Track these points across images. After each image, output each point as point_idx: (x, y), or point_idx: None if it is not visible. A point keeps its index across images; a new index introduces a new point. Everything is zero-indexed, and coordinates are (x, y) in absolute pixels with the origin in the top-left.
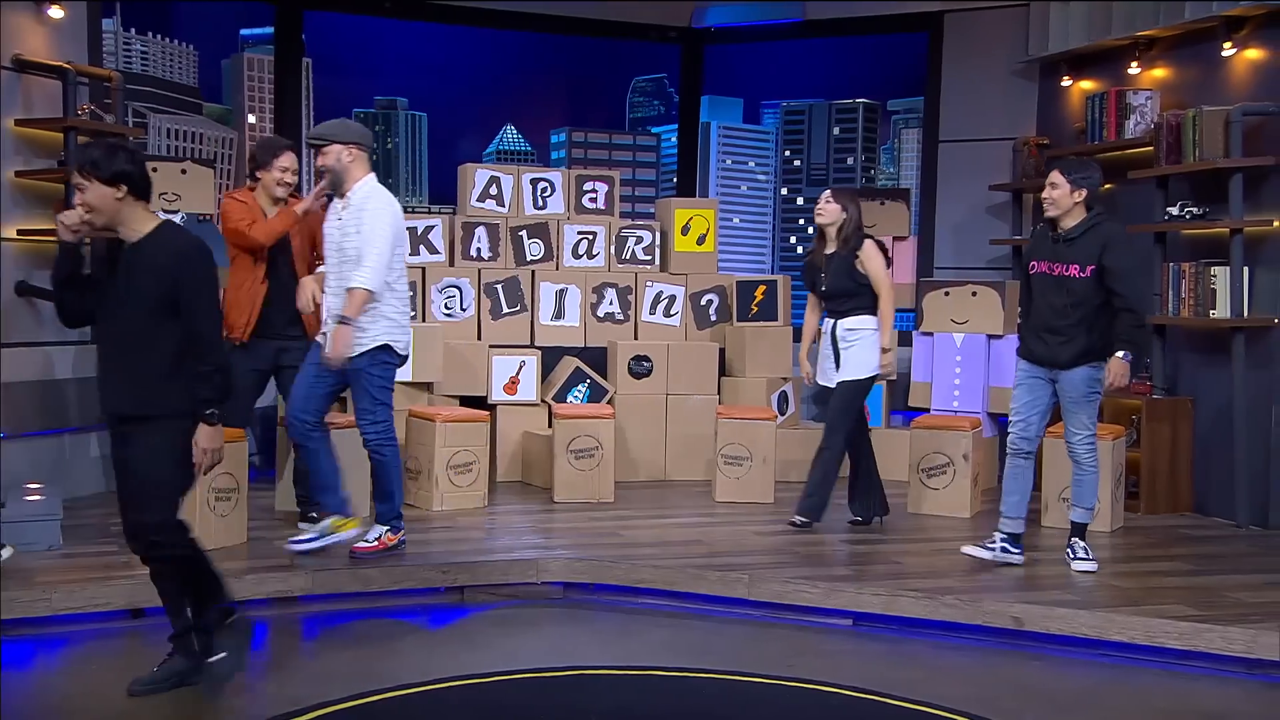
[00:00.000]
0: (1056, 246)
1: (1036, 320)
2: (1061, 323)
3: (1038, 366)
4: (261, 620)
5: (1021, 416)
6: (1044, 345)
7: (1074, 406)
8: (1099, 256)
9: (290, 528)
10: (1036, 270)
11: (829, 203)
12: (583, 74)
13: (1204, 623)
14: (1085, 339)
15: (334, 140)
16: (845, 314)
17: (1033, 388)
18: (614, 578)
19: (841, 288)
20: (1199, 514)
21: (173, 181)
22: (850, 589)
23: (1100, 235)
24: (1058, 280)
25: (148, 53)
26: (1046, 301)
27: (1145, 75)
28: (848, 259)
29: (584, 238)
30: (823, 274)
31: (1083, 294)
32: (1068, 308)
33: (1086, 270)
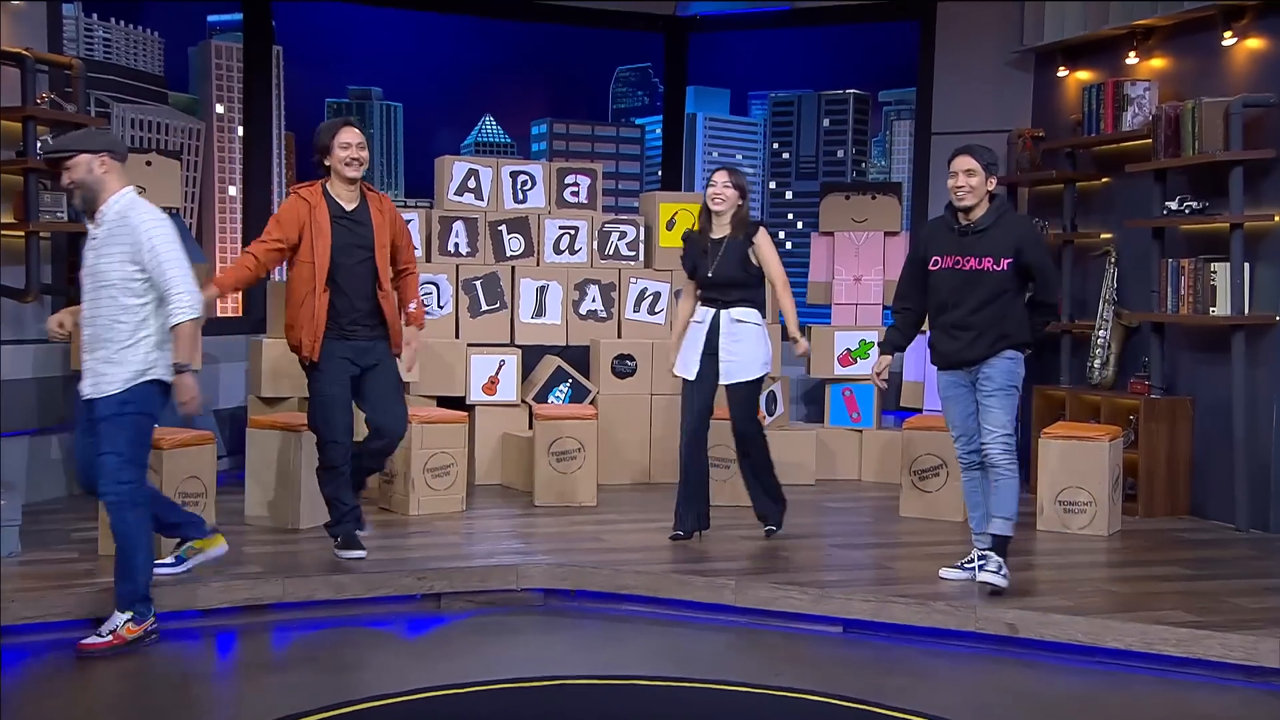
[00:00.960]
0: (964, 239)
1: (944, 318)
2: (975, 319)
3: (954, 372)
4: (230, 629)
5: (960, 430)
6: (955, 343)
7: (990, 401)
8: (1016, 252)
9: (261, 532)
10: (941, 266)
11: (728, 187)
12: (564, 63)
13: (1203, 629)
14: (998, 329)
15: (80, 150)
16: (732, 304)
17: (959, 398)
18: (596, 584)
19: (731, 276)
20: (1198, 517)
21: (137, 174)
22: (840, 595)
23: (1013, 228)
24: (968, 276)
25: (111, 40)
26: (954, 299)
27: (1143, 66)
28: (741, 246)
29: (566, 232)
30: (708, 259)
31: (998, 288)
32: (982, 304)
33: (1001, 264)
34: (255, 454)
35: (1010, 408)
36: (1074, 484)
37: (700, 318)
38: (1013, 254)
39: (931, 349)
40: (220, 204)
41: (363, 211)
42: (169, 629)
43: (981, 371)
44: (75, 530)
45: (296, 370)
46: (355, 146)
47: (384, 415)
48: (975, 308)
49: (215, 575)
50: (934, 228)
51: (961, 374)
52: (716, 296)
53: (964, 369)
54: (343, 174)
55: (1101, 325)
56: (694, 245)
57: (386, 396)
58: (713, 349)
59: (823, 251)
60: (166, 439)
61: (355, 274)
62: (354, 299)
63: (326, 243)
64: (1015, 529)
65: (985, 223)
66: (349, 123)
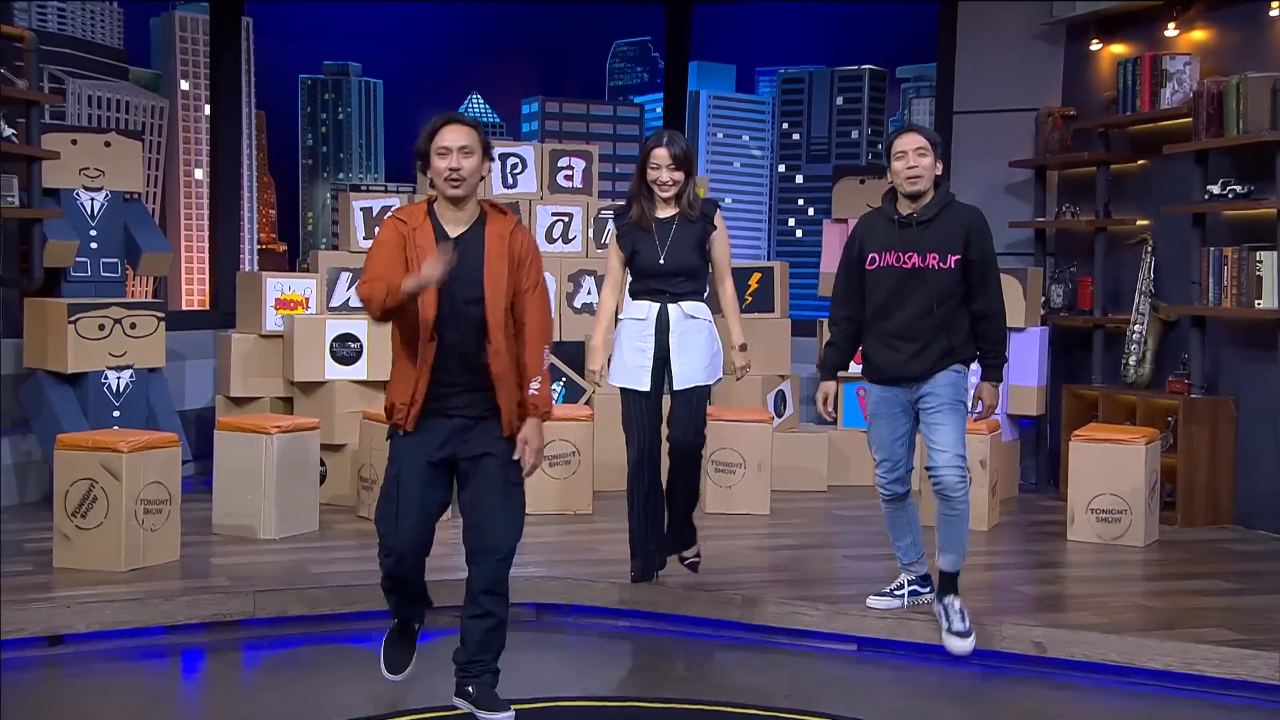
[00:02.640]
0: (905, 232)
1: (882, 325)
2: (920, 326)
3: (890, 388)
4: (197, 647)
5: (885, 454)
6: (894, 355)
7: (939, 418)
8: (964, 245)
9: (229, 542)
10: (879, 264)
11: (674, 169)
12: (557, 37)
13: (1248, 648)
14: (944, 341)
15: None
16: (684, 297)
17: (891, 418)
18: (591, 598)
19: (685, 264)
20: (1242, 526)
21: (95, 155)
22: (854, 611)
23: (961, 219)
24: (911, 274)
25: (65, 10)
26: (895, 301)
27: (1183, 38)
28: (696, 230)
29: (559, 220)
30: (654, 244)
31: (945, 290)
32: (929, 308)
33: (949, 260)
34: (224, 458)
35: (962, 425)
36: (1107, 491)
37: (640, 314)
38: (961, 249)
39: (865, 361)
40: (185, 188)
41: (474, 237)
42: (130, 647)
43: (924, 389)
44: (28, 541)
45: (268, 367)
46: (457, 153)
47: (480, 528)
48: (918, 314)
49: (181, 589)
50: (870, 221)
51: (899, 390)
52: (663, 288)
53: (903, 385)
54: (442, 191)
55: (1137, 319)
56: (631, 226)
57: (487, 502)
58: (663, 351)
59: (836, 240)
60: (127, 441)
61: (457, 324)
62: (453, 358)
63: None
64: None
65: (929, 213)
66: (452, 119)
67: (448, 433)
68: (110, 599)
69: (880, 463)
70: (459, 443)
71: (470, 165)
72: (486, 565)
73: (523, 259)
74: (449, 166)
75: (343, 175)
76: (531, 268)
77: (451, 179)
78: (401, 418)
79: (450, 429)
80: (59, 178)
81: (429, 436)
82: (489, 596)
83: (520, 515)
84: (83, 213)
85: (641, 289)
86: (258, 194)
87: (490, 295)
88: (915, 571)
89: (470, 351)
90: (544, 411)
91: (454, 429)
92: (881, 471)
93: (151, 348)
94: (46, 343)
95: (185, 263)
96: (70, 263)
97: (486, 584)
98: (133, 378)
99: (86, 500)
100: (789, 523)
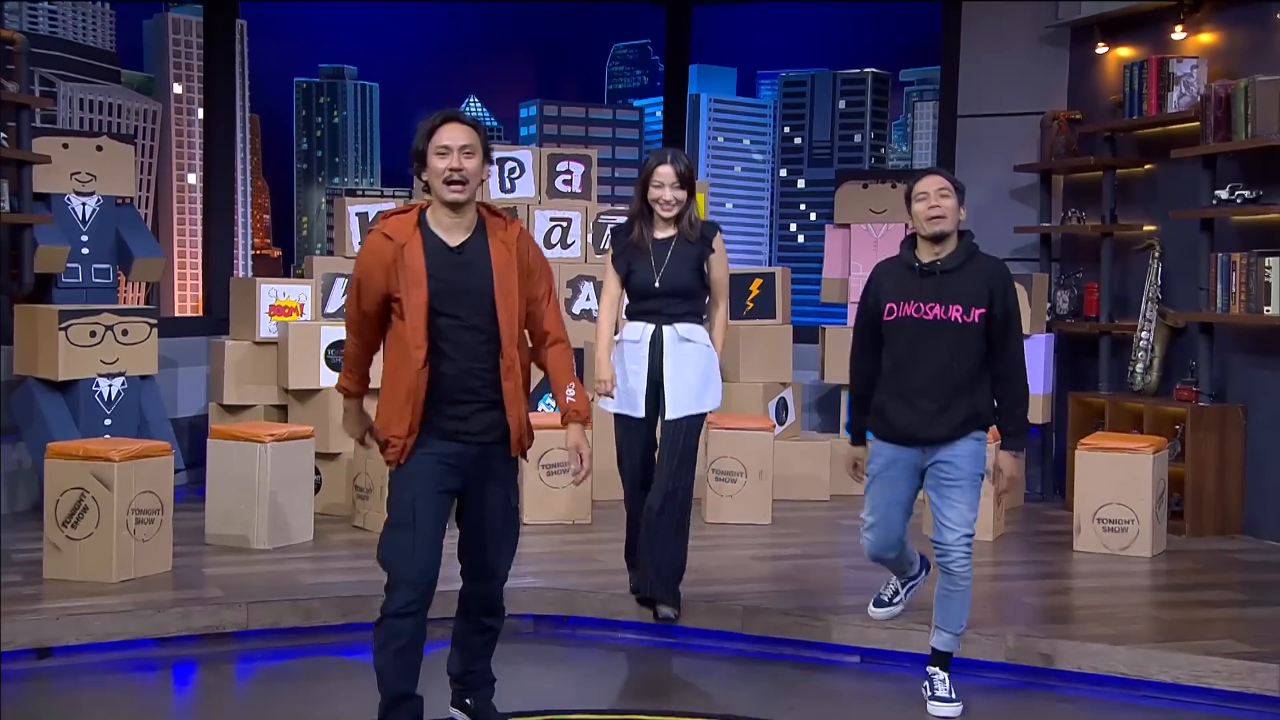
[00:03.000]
0: (927, 281)
1: (899, 381)
2: (941, 383)
3: (903, 448)
4: (189, 659)
5: (879, 518)
6: (913, 414)
7: (955, 493)
8: (989, 299)
9: (222, 553)
10: (898, 314)
11: (678, 189)
12: (556, 40)
13: (1258, 660)
14: (968, 402)
15: None
16: (679, 319)
17: (895, 481)
18: (590, 609)
19: (683, 284)
20: (1252, 536)
21: (87, 160)
22: (857, 622)
23: (987, 270)
24: (933, 327)
25: (57, 12)
26: (914, 354)
27: (1190, 41)
28: (697, 250)
29: (557, 225)
30: (650, 263)
31: (968, 346)
32: (950, 364)
33: (972, 314)
34: (217, 467)
35: (977, 501)
36: (1114, 500)
37: (635, 335)
38: (985, 303)
39: (877, 416)
40: (179, 193)
41: (477, 247)
42: (121, 660)
43: (941, 455)
44: (17, 552)
45: (262, 374)
46: (458, 153)
47: (484, 554)
48: (939, 369)
49: (173, 601)
50: (888, 269)
51: (912, 452)
52: (659, 309)
53: (916, 447)
54: (442, 196)
55: (1144, 326)
56: (629, 245)
57: (492, 529)
58: (656, 375)
59: (838, 245)
60: (118, 450)
61: (462, 341)
62: (460, 377)
63: (423, 293)
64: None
65: (953, 262)
66: (452, 117)
67: (461, 459)
68: (101, 610)
69: (871, 526)
70: (471, 471)
71: (473, 166)
72: (487, 588)
73: (533, 267)
74: (449, 167)
75: (338, 179)
76: (543, 275)
77: (452, 181)
78: (396, 452)
79: (463, 455)
80: (50, 182)
81: (439, 461)
82: (489, 616)
83: (517, 537)
84: (74, 218)
85: (637, 310)
86: (252, 198)
87: (503, 311)
88: (907, 573)
89: (480, 370)
90: (585, 417)
91: (467, 457)
92: (872, 536)
93: (143, 355)
94: (37, 350)
95: (178, 268)
96: (61, 268)
97: (486, 605)
98: (124, 385)
99: (77, 510)
100: (791, 532)
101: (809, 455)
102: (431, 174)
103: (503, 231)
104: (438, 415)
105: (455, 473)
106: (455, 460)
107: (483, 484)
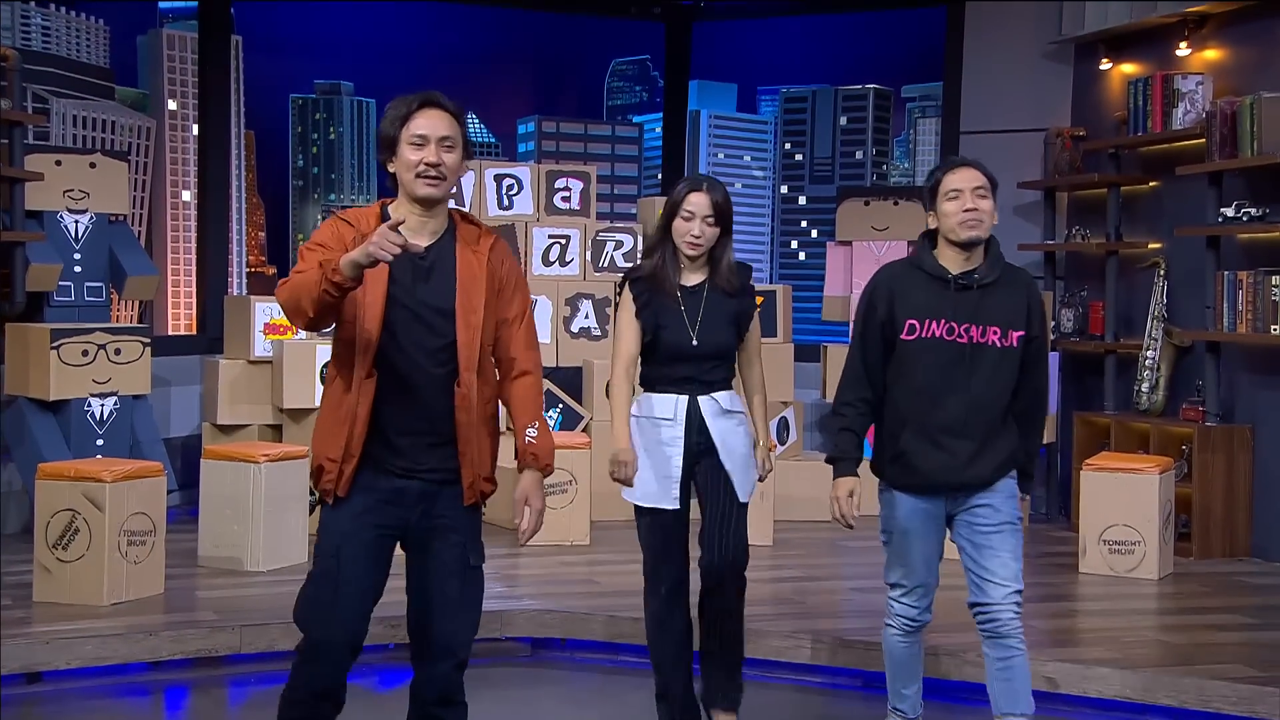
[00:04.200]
0: (963, 297)
1: (928, 417)
2: (977, 420)
3: (930, 499)
4: (182, 684)
5: (918, 580)
6: (943, 457)
7: (997, 541)
8: (1027, 319)
9: (216, 575)
10: (921, 334)
11: (711, 224)
12: (554, 55)
13: (1267, 685)
14: (1006, 440)
15: None
16: (715, 386)
17: (927, 534)
18: (589, 632)
19: (722, 344)
20: (1260, 558)
21: (80, 176)
22: (860, 645)
23: (1021, 286)
24: (967, 352)
25: (50, 28)
26: (945, 385)
27: (1195, 57)
28: (735, 304)
29: (556, 242)
30: (684, 318)
31: (1007, 374)
32: (986, 400)
33: (1011, 337)
34: (210, 488)
35: (1020, 551)
36: (1120, 521)
37: (666, 412)
38: (1024, 324)
39: (896, 462)
40: (173, 210)
41: (444, 254)
42: (112, 684)
43: (975, 499)
44: (7, 574)
45: (257, 394)
46: (436, 144)
47: (434, 625)
48: (976, 404)
49: (165, 624)
50: (902, 276)
51: (939, 503)
52: (693, 375)
53: (943, 495)
54: (412, 190)
55: (1150, 345)
56: (655, 294)
57: (444, 592)
58: (691, 459)
59: (839, 263)
60: (110, 471)
61: (417, 362)
62: (412, 404)
63: (379, 302)
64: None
65: (991, 274)
66: (430, 101)
67: (402, 498)
68: (91, 634)
69: (909, 591)
70: (415, 514)
71: (452, 161)
72: (440, 670)
73: (506, 282)
74: (425, 161)
75: (334, 196)
76: (518, 294)
77: (427, 176)
78: (332, 480)
79: (405, 494)
80: (42, 199)
81: (376, 502)
82: (447, 708)
83: (480, 605)
84: (66, 235)
85: (661, 376)
86: (247, 216)
87: (464, 330)
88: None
89: (431, 395)
90: (545, 463)
91: (410, 495)
92: (910, 601)
93: (136, 374)
94: (28, 369)
95: (172, 286)
96: (53, 287)
97: (442, 692)
98: (117, 405)
99: (68, 531)
100: (793, 554)
101: (811, 476)
102: (402, 165)
103: (475, 241)
104: (381, 444)
105: (396, 517)
106: (395, 498)
107: (429, 534)
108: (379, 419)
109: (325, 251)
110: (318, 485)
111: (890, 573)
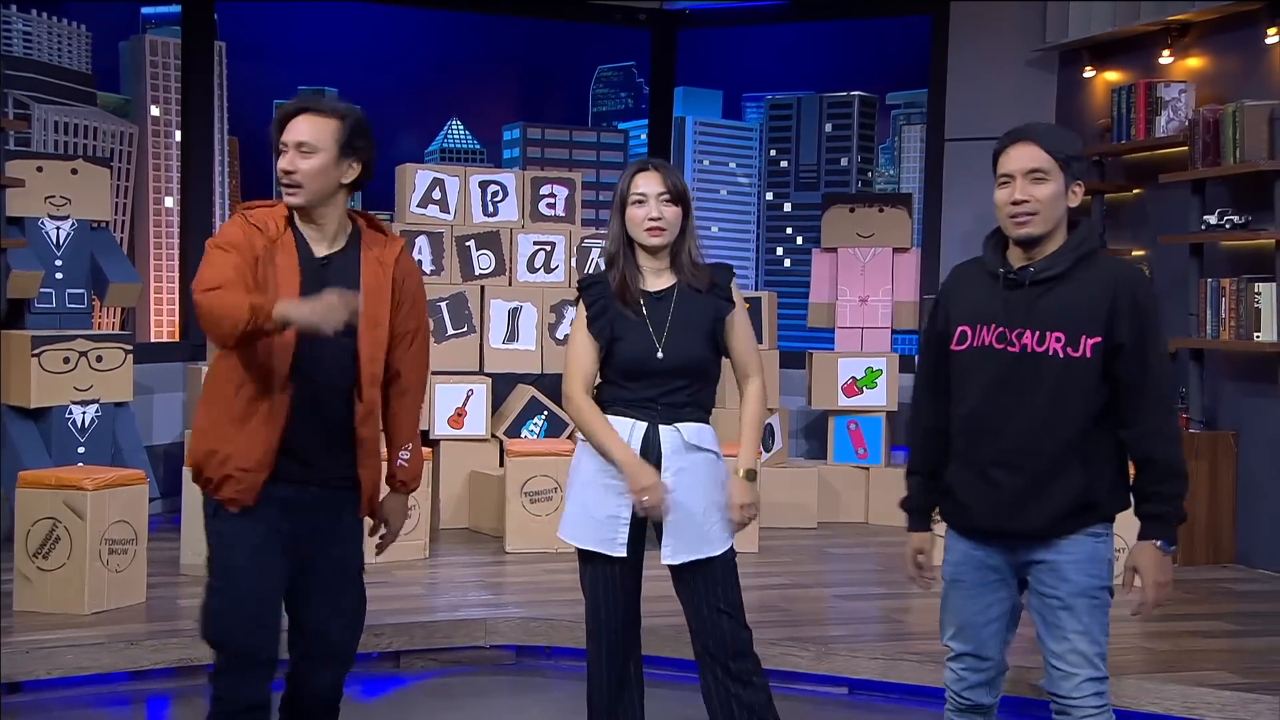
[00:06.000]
0: (1015, 296)
1: (976, 447)
2: (1033, 449)
3: (984, 547)
4: (163, 694)
5: (969, 645)
6: (991, 494)
7: (1063, 619)
8: (1108, 321)
9: (198, 584)
10: (971, 343)
11: (667, 202)
12: (539, 62)
13: (1250, 691)
14: (1078, 479)
15: None
16: (681, 413)
17: (980, 589)
18: (574, 640)
19: (692, 359)
20: (1243, 565)
21: (61, 183)
22: (845, 652)
23: (1106, 278)
24: (1020, 363)
25: (31, 33)
26: (995, 405)
27: (1178, 65)
28: (707, 307)
29: (541, 249)
30: (646, 329)
31: (1079, 391)
32: (1049, 422)
33: (1081, 344)
34: (192, 496)
35: (1102, 630)
36: None
37: (630, 435)
38: (1102, 327)
39: (949, 497)
40: (155, 216)
41: (346, 261)
42: (93, 694)
43: (1040, 556)
44: None
45: None
46: (293, 151)
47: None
48: (1031, 429)
49: (147, 633)
50: (962, 276)
51: (996, 554)
52: (654, 398)
53: (1002, 544)
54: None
55: None
56: (609, 301)
57: (337, 595)
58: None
59: (825, 270)
60: (92, 479)
61: (319, 374)
62: (308, 414)
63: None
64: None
65: (1055, 266)
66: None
67: (299, 507)
68: (72, 643)
69: (957, 656)
70: (309, 522)
71: (310, 167)
72: (330, 672)
73: (404, 298)
74: (281, 169)
75: None
76: (415, 308)
77: (284, 185)
78: (242, 490)
79: (298, 503)
80: (23, 206)
81: (278, 511)
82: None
83: (363, 616)
84: (48, 242)
85: (617, 398)
86: None
87: (366, 344)
88: None
89: (332, 408)
90: (412, 488)
91: (304, 503)
92: (959, 670)
93: (118, 381)
94: (9, 376)
95: (154, 293)
96: (34, 294)
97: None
98: (99, 412)
99: (49, 540)
100: (777, 561)
101: (796, 482)
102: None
103: (380, 248)
104: (282, 453)
105: (288, 524)
106: (293, 508)
107: (326, 541)
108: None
109: (236, 255)
110: (218, 492)
111: (943, 631)
